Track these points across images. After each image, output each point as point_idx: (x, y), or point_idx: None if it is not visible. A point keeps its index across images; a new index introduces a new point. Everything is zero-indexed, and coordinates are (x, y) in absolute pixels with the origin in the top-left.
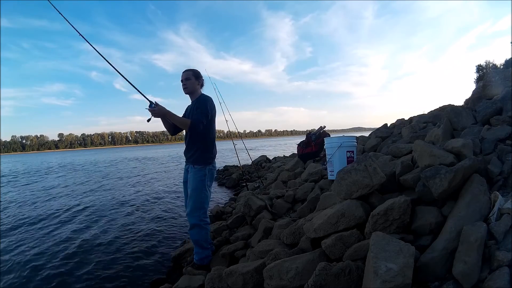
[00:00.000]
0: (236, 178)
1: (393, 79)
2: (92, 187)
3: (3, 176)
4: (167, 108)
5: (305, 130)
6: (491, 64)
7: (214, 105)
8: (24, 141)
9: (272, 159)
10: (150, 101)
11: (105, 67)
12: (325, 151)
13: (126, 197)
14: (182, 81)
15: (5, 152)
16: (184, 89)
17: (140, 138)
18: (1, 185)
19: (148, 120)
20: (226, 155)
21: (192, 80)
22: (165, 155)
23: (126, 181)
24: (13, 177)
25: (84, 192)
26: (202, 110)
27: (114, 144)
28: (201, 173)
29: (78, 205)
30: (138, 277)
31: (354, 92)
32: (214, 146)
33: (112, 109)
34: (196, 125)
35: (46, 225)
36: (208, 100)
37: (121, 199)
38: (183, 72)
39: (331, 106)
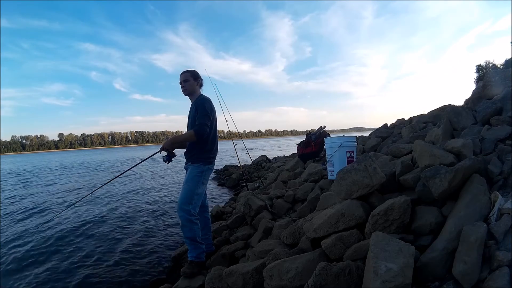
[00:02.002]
0: (236, 178)
1: (393, 79)
2: (94, 186)
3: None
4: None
5: (305, 130)
6: (491, 64)
7: (213, 105)
8: (24, 141)
9: (272, 159)
10: (164, 155)
11: (104, 67)
12: (325, 151)
13: (126, 197)
14: (180, 83)
15: (5, 152)
16: (183, 91)
17: (140, 138)
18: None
19: (169, 160)
20: (226, 155)
21: (190, 81)
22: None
23: (126, 181)
24: (10, 177)
25: (84, 192)
26: (202, 112)
27: (114, 144)
28: (198, 169)
29: (78, 204)
30: (138, 277)
31: (354, 92)
32: (214, 145)
33: (112, 109)
34: (201, 131)
35: (46, 224)
36: (206, 101)
37: (121, 199)
38: (181, 74)
39: (331, 106)
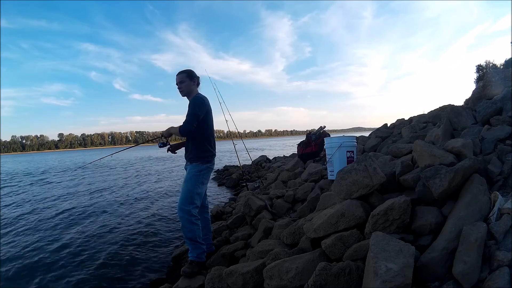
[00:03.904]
0: (236, 178)
1: (393, 79)
2: (97, 186)
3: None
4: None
5: (305, 130)
6: (491, 64)
7: (203, 103)
8: (24, 141)
9: (272, 159)
10: (161, 141)
11: (104, 67)
12: (325, 151)
13: (127, 197)
14: (177, 84)
15: (5, 152)
16: (180, 93)
17: (140, 138)
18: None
19: (163, 146)
20: (226, 155)
21: (186, 82)
22: (165, 155)
23: (127, 181)
24: (12, 178)
25: (87, 192)
26: (190, 111)
27: (114, 144)
28: (196, 168)
29: (80, 204)
30: (138, 277)
31: (354, 92)
32: (211, 144)
33: (112, 109)
34: (185, 128)
35: (47, 223)
36: (196, 99)
37: (121, 199)
38: (176, 75)
39: (331, 106)
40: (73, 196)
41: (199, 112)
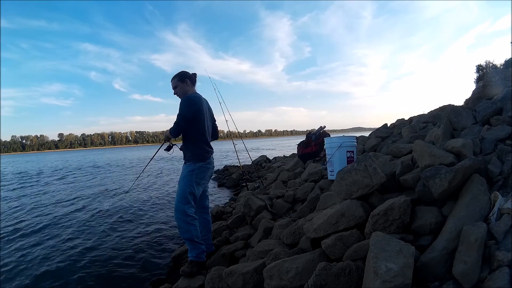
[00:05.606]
0: (236, 178)
1: (392, 79)
2: (95, 185)
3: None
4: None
5: (305, 130)
6: (491, 64)
7: (191, 103)
8: (24, 141)
9: (272, 159)
10: (166, 146)
11: (104, 67)
12: (325, 151)
13: (127, 197)
14: (173, 90)
15: (5, 152)
16: (178, 97)
17: (140, 138)
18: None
19: (168, 149)
20: (226, 155)
21: (179, 85)
22: (165, 155)
23: (127, 181)
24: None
25: (87, 191)
26: (178, 112)
27: (114, 144)
28: (188, 168)
29: (81, 204)
30: (138, 277)
31: (353, 92)
32: (204, 143)
33: (112, 109)
34: (174, 129)
35: (47, 224)
36: (183, 101)
37: (122, 199)
38: (171, 82)
39: (331, 106)
40: (75, 196)
41: (187, 112)
